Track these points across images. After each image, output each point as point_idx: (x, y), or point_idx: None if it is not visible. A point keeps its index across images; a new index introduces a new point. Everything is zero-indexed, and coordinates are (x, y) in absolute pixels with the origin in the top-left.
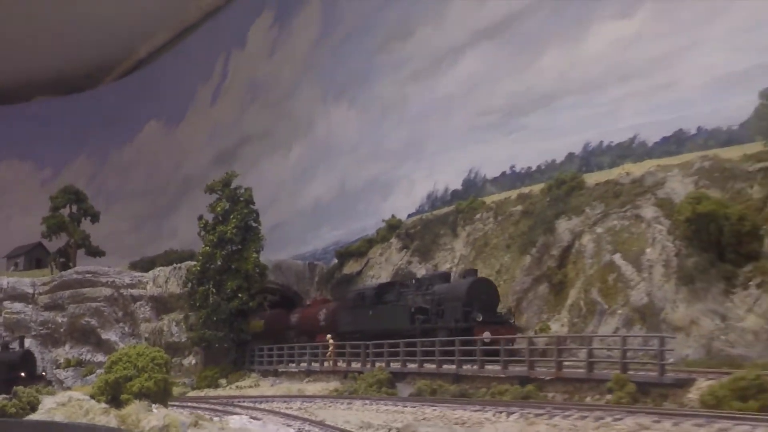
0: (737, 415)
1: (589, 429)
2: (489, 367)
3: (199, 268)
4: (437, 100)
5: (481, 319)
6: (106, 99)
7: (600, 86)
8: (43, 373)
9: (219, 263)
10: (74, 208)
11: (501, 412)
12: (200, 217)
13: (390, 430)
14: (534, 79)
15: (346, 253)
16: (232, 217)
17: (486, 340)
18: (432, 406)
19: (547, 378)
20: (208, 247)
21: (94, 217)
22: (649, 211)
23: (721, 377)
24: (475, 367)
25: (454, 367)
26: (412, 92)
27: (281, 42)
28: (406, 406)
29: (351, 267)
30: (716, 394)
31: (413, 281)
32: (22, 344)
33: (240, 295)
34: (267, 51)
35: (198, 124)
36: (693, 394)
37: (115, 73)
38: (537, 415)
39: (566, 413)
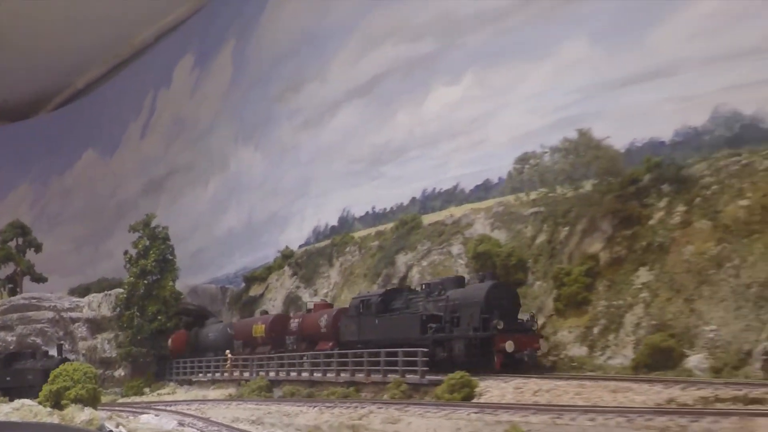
0: (458, 405)
1: (353, 415)
2: (329, 374)
3: (125, 296)
4: (321, 148)
5: (502, 326)
6: (49, 127)
7: (435, 142)
8: None
9: (142, 291)
10: (20, 240)
11: (315, 407)
12: (126, 252)
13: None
14: (391, 134)
15: (251, 278)
16: (151, 252)
17: (509, 350)
18: (278, 404)
19: (365, 382)
20: (132, 278)
21: (38, 248)
22: (455, 248)
23: None
24: (318, 374)
25: (307, 375)
26: (303, 139)
27: (201, 83)
28: (266, 405)
29: (255, 290)
30: (443, 389)
31: (423, 286)
32: (60, 351)
33: (159, 317)
34: (189, 91)
35: (129, 155)
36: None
37: (54, 103)
38: (328, 406)
39: (348, 405)
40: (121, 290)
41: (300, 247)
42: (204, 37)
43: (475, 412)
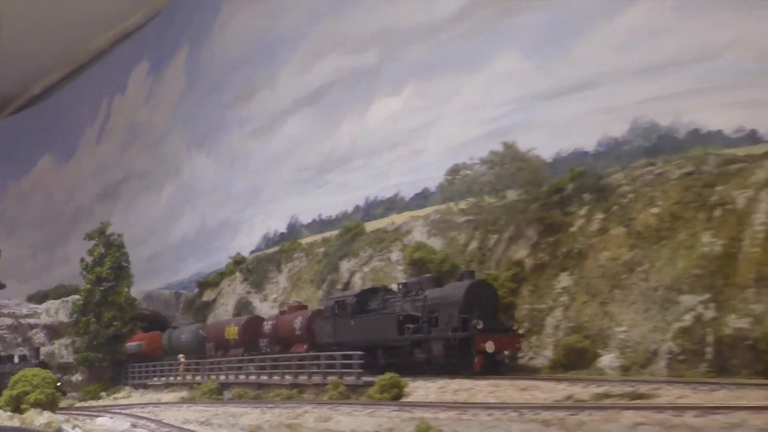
0: (381, 404)
1: (291, 414)
2: (275, 377)
3: (82, 302)
4: (271, 155)
5: (482, 326)
6: (5, 133)
7: (377, 151)
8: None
9: (98, 297)
10: None
11: (259, 408)
12: (82, 260)
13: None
14: (336, 143)
15: (204, 283)
16: (106, 259)
17: (489, 351)
18: (226, 406)
19: (308, 384)
20: (88, 285)
21: None
22: (395, 255)
23: None
24: (265, 377)
25: (254, 377)
26: (253, 146)
27: (155, 89)
28: (214, 407)
29: (208, 295)
30: (375, 389)
31: (400, 286)
32: (37, 356)
33: (115, 323)
34: (144, 97)
35: (86, 161)
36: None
37: (11, 108)
38: (270, 407)
39: (287, 406)
40: (77, 297)
41: (251, 253)
42: (159, 43)
43: (395, 410)
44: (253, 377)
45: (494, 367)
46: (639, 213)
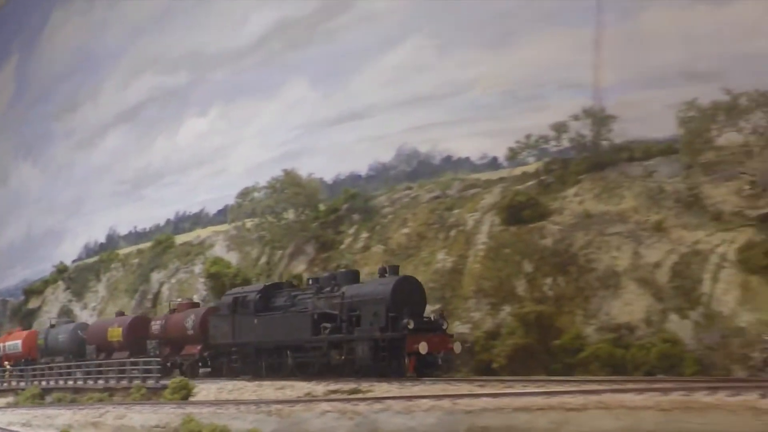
0: (164, 403)
1: (95, 414)
2: (90, 382)
3: None
4: (93, 167)
5: (413, 326)
6: None
7: (187, 169)
8: None
9: None
10: None
11: (71, 409)
12: None
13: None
14: (151, 158)
15: (30, 291)
16: None
17: (422, 352)
18: (44, 409)
19: (117, 387)
20: None
21: None
22: (198, 268)
23: None
24: (80, 382)
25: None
26: (77, 158)
27: None
28: (35, 410)
29: (34, 302)
30: (168, 391)
31: (309, 281)
32: None
33: None
34: None
35: None
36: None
37: None
38: (80, 409)
39: (93, 407)
40: None
41: (73, 262)
42: None
43: (173, 407)
44: (71, 382)
45: (425, 369)
46: (394, 232)
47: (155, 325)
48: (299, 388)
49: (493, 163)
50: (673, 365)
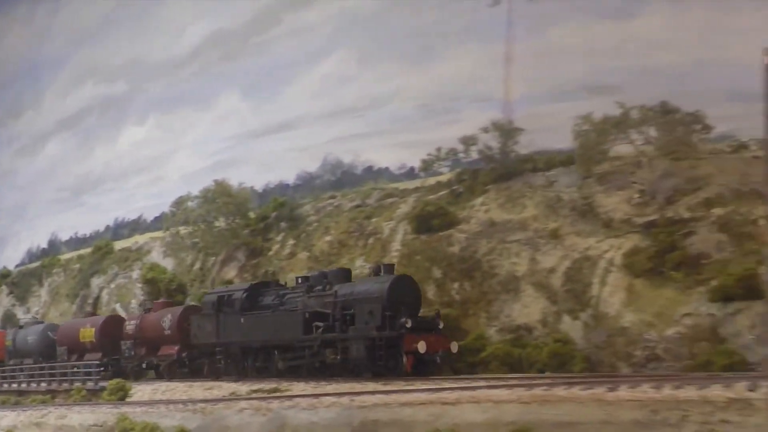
0: (101, 404)
1: (38, 414)
2: (33, 385)
3: None
4: (36, 173)
5: (410, 325)
6: None
7: (125, 176)
8: None
9: None
10: None
11: (15, 411)
12: None
13: None
14: (91, 166)
15: None
16: None
17: (421, 351)
18: None
19: (59, 390)
20: None
21: None
22: (135, 273)
23: None
24: (24, 385)
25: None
26: (20, 164)
27: None
28: None
29: None
30: (107, 392)
31: (298, 280)
32: None
33: None
34: None
35: None
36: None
37: None
38: (24, 410)
39: (36, 408)
40: None
41: (16, 267)
42: None
43: (109, 407)
44: (15, 385)
45: (423, 369)
46: (318, 240)
47: (129, 325)
48: (226, 388)
49: (411, 173)
50: (563, 363)
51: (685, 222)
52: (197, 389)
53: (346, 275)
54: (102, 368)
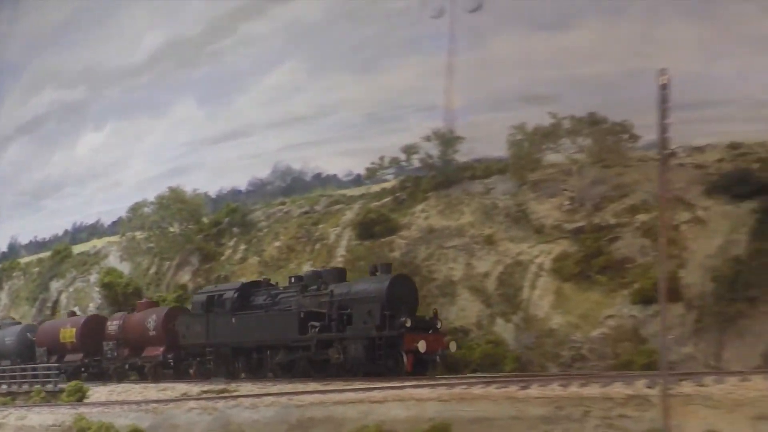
0: (59, 405)
1: None
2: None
3: None
4: None
5: (410, 324)
6: None
7: (84, 181)
8: None
9: None
10: None
11: None
12: None
13: None
14: (50, 170)
15: None
16: None
17: (422, 351)
18: None
19: (19, 392)
20: None
21: None
22: (93, 277)
23: None
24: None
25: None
26: None
27: None
28: None
29: None
30: (65, 394)
31: (292, 280)
32: None
33: None
34: None
35: None
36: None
37: None
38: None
39: (6, 409)
40: None
41: None
42: None
43: (68, 408)
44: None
45: (422, 368)
46: (268, 245)
47: (112, 326)
48: (178, 389)
49: (358, 180)
50: (494, 363)
51: (611, 228)
52: (151, 390)
53: (340, 275)
54: (62, 371)
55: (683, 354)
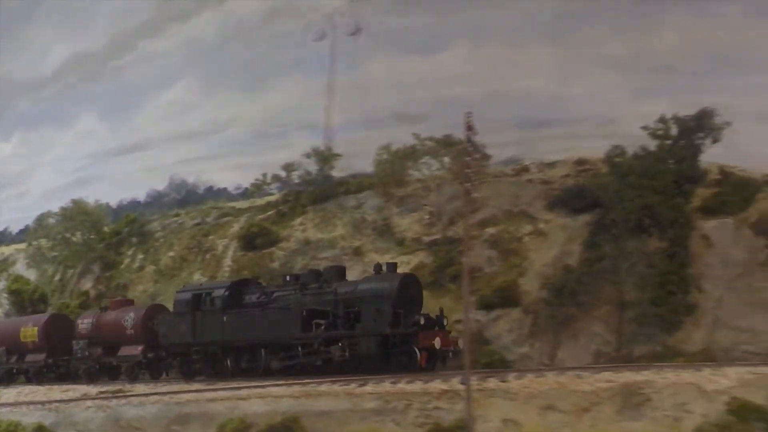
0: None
1: None
2: None
3: None
4: None
5: (424, 322)
6: None
7: None
8: None
9: None
10: None
11: None
12: None
13: None
14: None
15: None
16: None
17: (437, 347)
18: None
19: None
20: None
21: None
22: (0, 284)
23: None
24: None
25: None
26: None
27: None
28: None
29: None
30: None
31: (287, 278)
32: None
33: None
34: None
35: None
36: None
37: None
38: None
39: None
40: None
41: None
42: None
43: None
44: None
45: (431, 364)
46: (163, 255)
47: (83, 324)
48: (80, 390)
49: (246, 193)
50: None
51: (462, 240)
52: (56, 391)
53: (341, 273)
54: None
55: (520, 354)
